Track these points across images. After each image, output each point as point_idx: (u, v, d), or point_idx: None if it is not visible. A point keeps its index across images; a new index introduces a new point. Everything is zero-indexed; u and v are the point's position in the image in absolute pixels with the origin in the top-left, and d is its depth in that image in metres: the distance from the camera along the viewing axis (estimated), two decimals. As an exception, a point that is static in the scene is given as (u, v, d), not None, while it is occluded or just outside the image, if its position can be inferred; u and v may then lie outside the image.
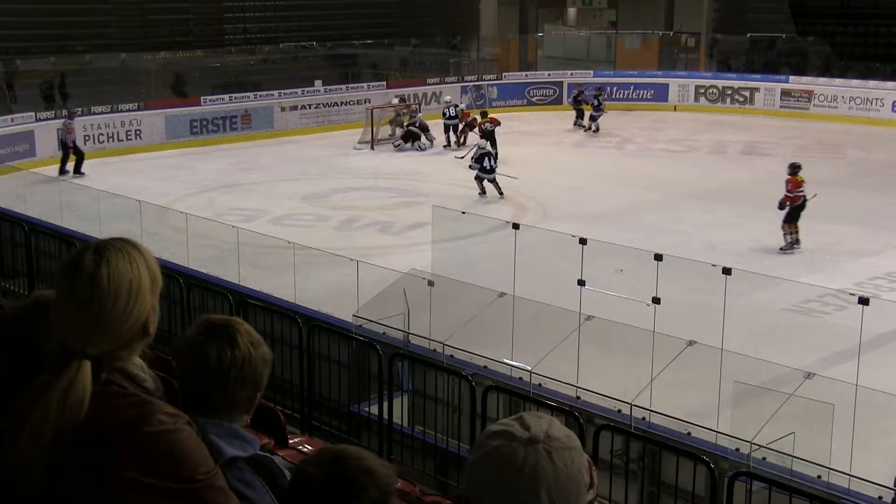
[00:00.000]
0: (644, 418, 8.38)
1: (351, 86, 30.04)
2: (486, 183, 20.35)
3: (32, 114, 24.07)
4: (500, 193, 20.21)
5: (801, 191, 17.02)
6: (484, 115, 24.05)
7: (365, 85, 30.18)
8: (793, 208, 16.88)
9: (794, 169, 17.28)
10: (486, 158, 20.40)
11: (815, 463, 7.56)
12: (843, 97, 30.12)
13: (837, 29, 33.79)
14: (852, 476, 7.56)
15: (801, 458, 7.57)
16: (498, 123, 23.31)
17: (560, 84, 32.80)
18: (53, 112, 24.57)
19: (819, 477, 7.48)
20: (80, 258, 2.07)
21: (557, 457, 1.63)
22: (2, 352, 2.38)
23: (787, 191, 17.04)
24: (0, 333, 2.42)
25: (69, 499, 1.97)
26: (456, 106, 26.73)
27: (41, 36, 28.56)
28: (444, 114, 26.62)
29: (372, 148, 25.93)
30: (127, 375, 2.09)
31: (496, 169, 20.52)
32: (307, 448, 5.63)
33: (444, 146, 26.06)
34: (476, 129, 23.96)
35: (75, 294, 2.05)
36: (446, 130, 26.27)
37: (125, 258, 2.08)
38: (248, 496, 2.21)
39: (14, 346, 2.37)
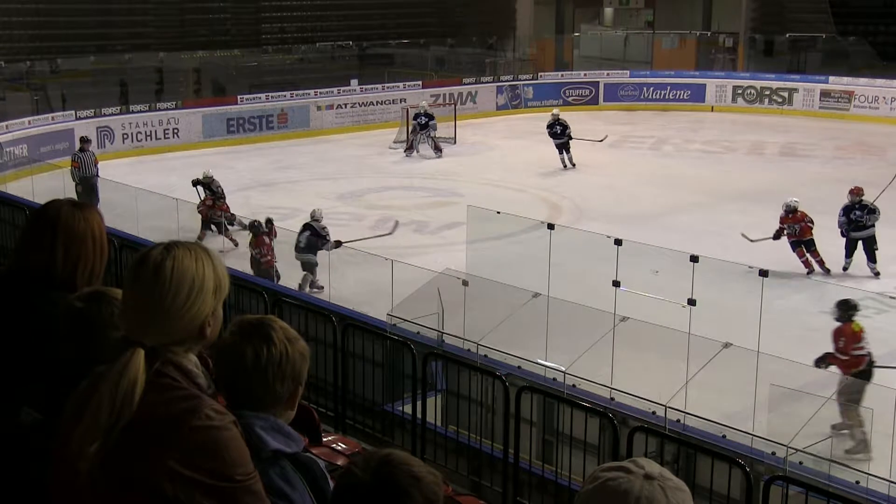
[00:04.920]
0: (679, 420, 8.32)
1: (387, 85, 30.09)
2: None
3: (72, 112, 24.36)
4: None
5: None
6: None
7: (401, 84, 30.22)
8: None
9: None
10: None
11: (853, 468, 7.47)
12: (884, 98, 29.70)
13: (879, 28, 33.35)
14: (892, 482, 7.46)
15: (839, 463, 7.48)
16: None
17: (596, 84, 32.67)
18: (93, 111, 24.84)
19: (858, 482, 7.39)
20: (149, 252, 2.16)
21: (671, 494, 1.69)
22: (70, 340, 2.49)
23: None
24: (70, 323, 2.53)
25: (115, 483, 2.03)
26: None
27: (81, 35, 28.90)
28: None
29: (407, 147, 25.95)
30: (181, 370, 2.14)
31: None
32: (341, 446, 5.65)
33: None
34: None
35: (138, 284, 2.13)
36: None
37: (191, 257, 2.15)
38: (288, 495, 2.24)
39: (82, 334, 2.48)
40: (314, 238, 14.73)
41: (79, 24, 29.15)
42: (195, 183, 18.21)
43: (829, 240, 15.46)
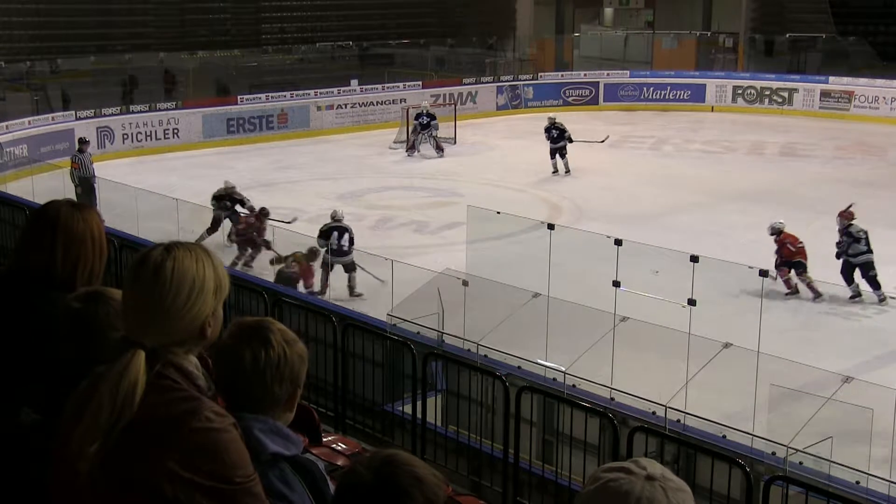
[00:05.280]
0: (679, 420, 8.33)
1: (387, 85, 30.10)
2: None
3: (72, 112, 24.36)
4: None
5: None
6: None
7: (401, 84, 30.23)
8: None
9: None
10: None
11: (853, 468, 7.47)
12: (884, 98, 29.71)
13: (879, 28, 33.36)
14: (892, 482, 7.46)
15: (838, 463, 7.48)
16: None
17: (596, 84, 32.66)
18: (93, 111, 24.84)
19: (857, 482, 7.39)
20: (149, 253, 2.15)
21: (672, 495, 1.68)
22: (69, 341, 2.48)
23: None
24: (68, 324, 2.52)
25: (115, 484, 2.03)
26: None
27: (81, 35, 28.91)
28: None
29: (407, 148, 25.95)
30: (181, 371, 2.14)
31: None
32: (341, 446, 5.64)
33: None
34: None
35: (139, 285, 2.13)
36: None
37: (191, 257, 2.15)
38: (286, 496, 2.24)
39: (80, 334, 2.48)
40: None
41: (79, 25, 29.15)
42: (218, 199, 17.23)
43: (828, 239, 15.42)
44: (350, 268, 14.66)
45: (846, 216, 14.97)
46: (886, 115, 29.32)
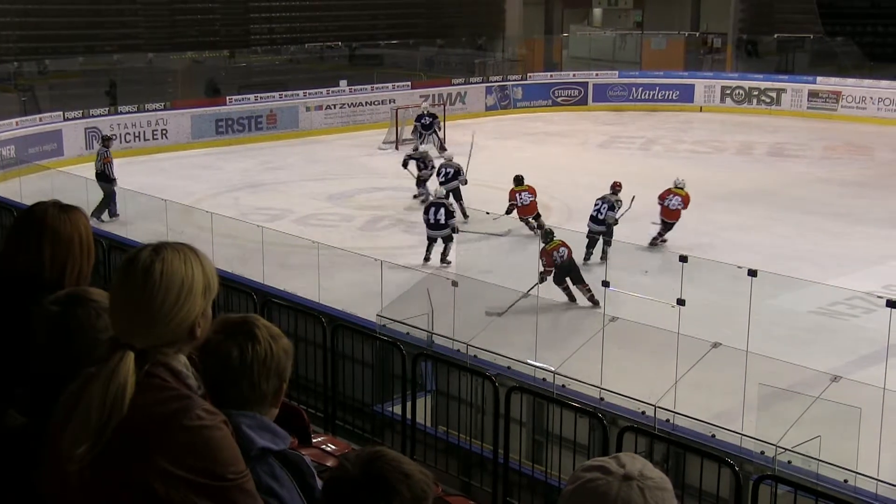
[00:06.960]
0: (668, 420, 8.35)
1: (376, 86, 30.07)
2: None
3: (60, 113, 24.27)
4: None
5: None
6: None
7: (390, 85, 30.20)
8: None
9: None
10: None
11: (841, 467, 7.50)
12: (871, 98, 29.83)
13: (867, 29, 33.50)
14: (880, 480, 7.49)
15: (827, 462, 7.51)
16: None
17: (585, 84, 32.68)
18: (81, 112, 24.74)
19: (846, 481, 7.42)
20: (137, 254, 2.14)
21: (650, 495, 1.68)
22: (53, 345, 2.46)
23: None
24: (47, 327, 2.49)
25: (108, 484, 2.03)
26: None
27: (70, 36, 28.82)
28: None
29: (396, 148, 25.89)
30: (171, 370, 2.14)
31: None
32: (330, 447, 5.64)
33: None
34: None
35: (128, 287, 2.11)
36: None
37: (180, 258, 2.14)
38: (276, 491, 2.25)
39: (60, 337, 2.46)
40: None
41: (68, 25, 29.05)
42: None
43: (817, 239, 15.46)
44: (448, 239, 15.64)
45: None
46: (874, 115, 29.43)
